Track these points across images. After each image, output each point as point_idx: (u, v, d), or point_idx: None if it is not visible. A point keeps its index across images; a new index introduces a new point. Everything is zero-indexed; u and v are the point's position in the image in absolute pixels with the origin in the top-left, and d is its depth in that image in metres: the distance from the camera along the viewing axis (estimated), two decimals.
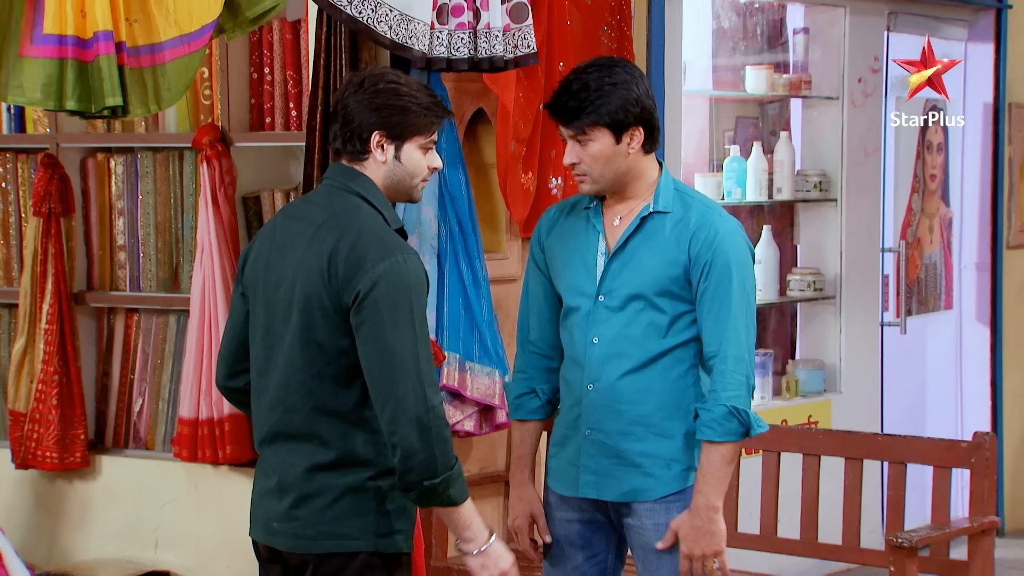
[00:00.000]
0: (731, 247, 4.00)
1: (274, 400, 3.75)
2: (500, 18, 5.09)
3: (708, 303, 3.98)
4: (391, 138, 3.72)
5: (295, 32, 5.64)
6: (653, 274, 3.99)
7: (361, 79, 3.76)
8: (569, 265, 4.09)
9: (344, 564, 3.71)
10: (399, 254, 3.63)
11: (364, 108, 3.71)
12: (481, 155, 5.89)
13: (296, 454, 3.72)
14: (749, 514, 5.68)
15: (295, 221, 3.77)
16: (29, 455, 5.83)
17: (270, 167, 5.83)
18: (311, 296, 3.65)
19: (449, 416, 5.47)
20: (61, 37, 4.13)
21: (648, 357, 4.01)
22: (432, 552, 5.61)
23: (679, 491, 4.06)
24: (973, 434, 5.26)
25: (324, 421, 3.69)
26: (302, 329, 3.67)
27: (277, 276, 3.74)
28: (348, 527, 3.69)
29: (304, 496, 3.71)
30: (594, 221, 4.08)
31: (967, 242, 8.17)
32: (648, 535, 4.05)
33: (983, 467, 5.18)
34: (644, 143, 4.04)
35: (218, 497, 5.62)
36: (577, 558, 4.16)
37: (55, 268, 5.78)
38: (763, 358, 7.10)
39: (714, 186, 7.03)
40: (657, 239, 4.00)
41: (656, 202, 4.03)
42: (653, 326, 4.00)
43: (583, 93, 3.95)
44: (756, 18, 7.53)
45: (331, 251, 3.64)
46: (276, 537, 3.78)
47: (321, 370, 3.68)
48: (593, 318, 4.03)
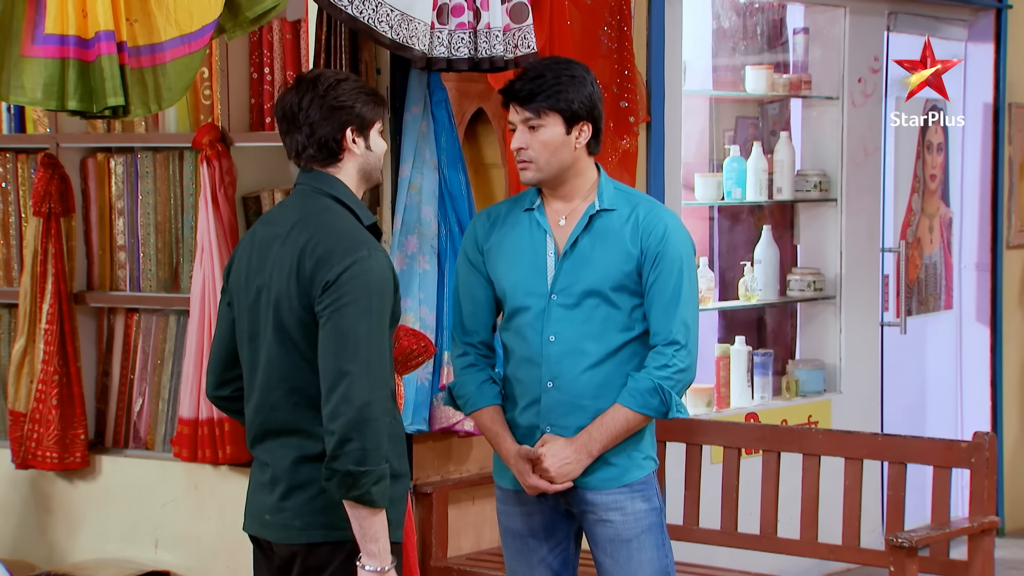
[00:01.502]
0: (679, 241, 4.12)
1: (259, 400, 3.84)
2: (500, 18, 5.09)
3: (657, 293, 4.08)
4: (359, 130, 3.84)
5: (295, 32, 5.64)
6: (608, 270, 4.08)
7: (311, 84, 3.83)
8: (515, 266, 4.17)
9: (332, 553, 3.78)
10: (366, 250, 3.72)
11: (330, 109, 3.81)
12: (481, 155, 5.89)
13: (286, 447, 3.80)
14: (749, 514, 5.68)
15: (270, 226, 3.87)
16: (29, 455, 5.83)
17: (270, 167, 5.83)
18: (283, 296, 3.75)
19: (449, 416, 5.48)
20: (62, 37, 4.13)
21: (606, 352, 4.10)
22: (432, 552, 5.62)
23: (641, 480, 4.13)
24: (973, 434, 5.27)
25: (308, 416, 3.77)
26: (277, 328, 3.76)
27: (258, 281, 3.83)
28: (335, 517, 3.76)
29: (292, 487, 3.79)
30: (540, 221, 4.16)
31: (967, 242, 8.17)
32: (617, 527, 4.12)
33: (983, 467, 5.18)
34: (589, 142, 4.14)
35: (218, 497, 5.62)
36: (541, 550, 4.23)
37: (55, 268, 5.77)
38: (763, 358, 7.10)
39: (714, 186, 7.03)
40: (609, 236, 4.10)
41: (601, 200, 4.14)
42: (609, 321, 4.09)
43: (541, 79, 4.07)
44: (756, 18, 7.53)
45: (300, 250, 3.74)
46: (268, 529, 3.86)
47: (299, 367, 3.76)
48: (548, 316, 4.11)
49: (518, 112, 4.09)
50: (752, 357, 7.08)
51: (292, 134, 3.85)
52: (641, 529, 4.12)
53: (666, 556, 4.17)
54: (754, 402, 7.05)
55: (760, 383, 7.08)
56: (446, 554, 5.65)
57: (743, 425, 6.24)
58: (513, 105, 4.11)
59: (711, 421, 6.04)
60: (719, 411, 6.86)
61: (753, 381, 7.08)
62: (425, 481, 5.65)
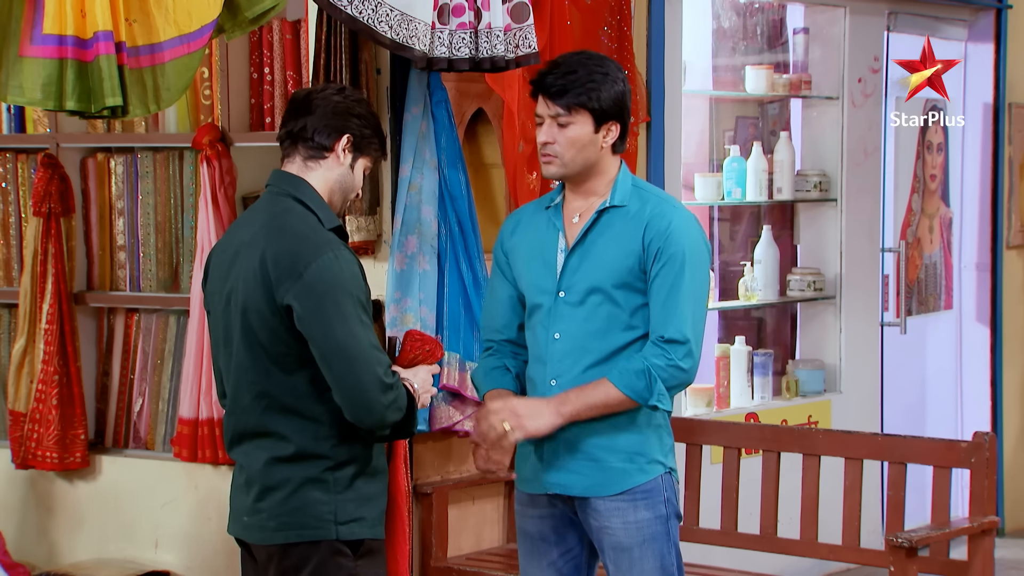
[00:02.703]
0: (685, 237, 4.04)
1: (232, 404, 3.90)
2: (501, 18, 5.09)
3: (658, 287, 4.03)
4: (354, 148, 3.90)
5: (295, 32, 5.64)
6: (610, 266, 4.04)
7: (341, 88, 3.96)
8: (531, 264, 4.15)
9: (307, 553, 3.81)
10: (329, 251, 3.77)
11: (344, 111, 3.88)
12: (481, 155, 5.89)
13: (259, 449, 3.85)
14: (749, 514, 5.68)
15: (239, 230, 3.94)
16: (29, 455, 5.83)
17: (270, 167, 5.73)
18: (248, 300, 3.80)
19: (449, 416, 5.48)
20: (61, 37, 4.13)
21: (609, 351, 4.06)
22: (432, 552, 5.62)
23: (645, 486, 4.07)
24: (973, 434, 5.27)
25: (278, 419, 3.81)
26: (245, 333, 3.81)
27: (228, 286, 3.88)
28: (308, 517, 3.80)
29: (265, 488, 3.83)
30: (554, 219, 4.14)
31: (967, 242, 8.17)
32: (618, 535, 4.07)
33: (983, 467, 5.18)
34: (616, 142, 4.10)
35: (218, 497, 5.62)
36: (552, 554, 4.20)
37: (55, 268, 5.77)
38: (763, 358, 7.10)
39: (714, 186, 7.02)
40: (614, 232, 4.06)
41: (613, 197, 4.10)
42: (612, 320, 4.05)
43: (573, 75, 4.02)
44: (756, 18, 7.53)
45: (262, 255, 3.78)
46: (246, 531, 3.90)
47: (268, 371, 3.81)
48: (554, 314, 4.09)
49: (548, 106, 4.03)
50: (752, 357, 7.08)
51: (300, 116, 3.89)
52: (643, 538, 4.05)
53: (672, 565, 4.08)
54: (754, 402, 7.05)
55: (760, 383, 7.08)
56: (446, 554, 5.65)
57: (743, 425, 6.24)
58: (543, 98, 4.05)
59: (711, 421, 6.04)
60: (719, 411, 6.86)
61: (753, 381, 7.07)
62: (425, 481, 5.65)
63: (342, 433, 3.81)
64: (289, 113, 3.93)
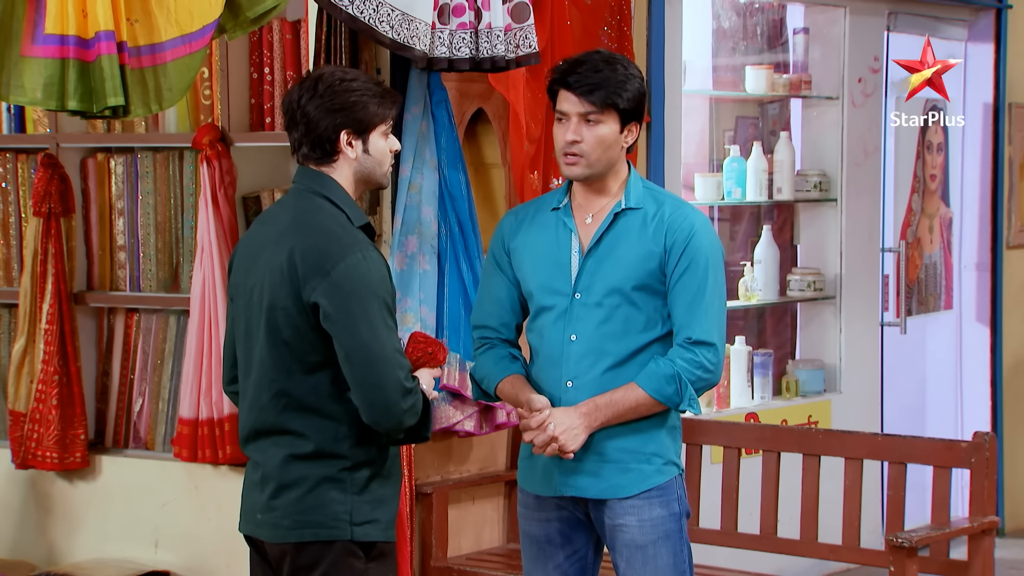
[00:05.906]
0: (706, 240, 4.05)
1: (252, 400, 3.88)
2: (501, 18, 5.09)
3: (681, 289, 4.02)
4: (357, 133, 3.83)
5: (295, 32, 5.64)
6: (630, 268, 4.03)
7: (313, 83, 3.84)
8: (541, 265, 4.12)
9: (321, 553, 3.79)
10: (358, 252, 3.74)
11: (325, 111, 3.81)
12: (481, 155, 5.89)
13: (277, 446, 3.83)
14: (749, 514, 5.68)
15: (265, 226, 3.90)
16: (29, 455, 5.83)
17: (270, 167, 5.83)
18: (275, 297, 3.77)
19: (449, 416, 5.48)
20: (63, 37, 4.13)
21: (627, 353, 4.05)
22: (432, 552, 5.62)
23: (660, 485, 4.07)
24: (973, 434, 5.27)
25: (298, 417, 3.80)
26: (269, 330, 3.79)
27: (252, 280, 3.85)
28: (324, 516, 3.78)
29: (282, 486, 3.81)
30: (566, 220, 4.11)
31: (967, 242, 8.17)
32: (633, 532, 4.06)
33: (983, 467, 5.18)
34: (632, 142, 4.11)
35: (218, 497, 5.62)
36: (558, 556, 4.18)
37: (55, 268, 5.77)
38: (763, 358, 7.10)
39: (714, 186, 7.03)
40: (632, 234, 4.05)
41: (628, 199, 4.08)
42: (630, 322, 4.04)
43: (606, 72, 4.00)
44: (756, 18, 7.53)
45: (290, 251, 3.75)
46: (259, 528, 3.88)
47: (290, 369, 3.79)
48: (570, 316, 4.06)
49: (579, 103, 3.99)
50: (752, 357, 7.08)
51: (291, 130, 3.87)
52: (657, 535, 4.05)
53: (684, 562, 4.09)
54: (754, 402, 7.05)
55: (760, 383, 7.08)
56: (446, 554, 5.65)
57: (743, 425, 6.24)
58: (570, 95, 4.00)
59: (711, 421, 6.04)
60: (719, 411, 6.86)
61: (753, 381, 7.08)
62: (425, 481, 5.65)
63: (360, 434, 3.80)
64: (285, 126, 3.91)
